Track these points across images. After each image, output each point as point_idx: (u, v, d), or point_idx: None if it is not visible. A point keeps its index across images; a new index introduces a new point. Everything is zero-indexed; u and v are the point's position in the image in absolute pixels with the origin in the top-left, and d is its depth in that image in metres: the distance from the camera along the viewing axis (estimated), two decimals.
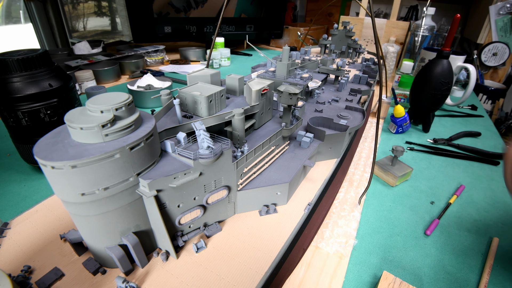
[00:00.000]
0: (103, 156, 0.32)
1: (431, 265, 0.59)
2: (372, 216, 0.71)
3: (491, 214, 0.74)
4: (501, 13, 1.66)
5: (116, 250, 0.39)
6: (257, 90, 0.56)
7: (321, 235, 0.63)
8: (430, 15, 1.76)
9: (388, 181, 0.83)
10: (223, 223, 0.50)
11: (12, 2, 2.18)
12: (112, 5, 2.31)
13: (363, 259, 0.59)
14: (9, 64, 0.63)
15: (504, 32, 1.68)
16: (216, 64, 1.93)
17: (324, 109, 0.81)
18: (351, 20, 2.02)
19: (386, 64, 1.80)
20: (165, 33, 2.06)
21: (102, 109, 0.34)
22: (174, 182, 0.39)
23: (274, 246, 0.45)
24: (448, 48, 1.04)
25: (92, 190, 0.33)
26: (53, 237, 0.46)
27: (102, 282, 0.40)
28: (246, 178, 0.51)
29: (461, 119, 1.33)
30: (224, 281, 0.40)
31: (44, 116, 0.69)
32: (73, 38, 2.18)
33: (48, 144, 0.33)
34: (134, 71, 1.72)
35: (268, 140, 0.55)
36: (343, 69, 0.98)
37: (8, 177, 0.79)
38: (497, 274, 0.57)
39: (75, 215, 0.37)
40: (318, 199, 0.56)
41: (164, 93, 0.58)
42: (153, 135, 0.38)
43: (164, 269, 0.41)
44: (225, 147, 0.44)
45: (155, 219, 0.40)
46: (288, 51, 0.77)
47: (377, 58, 0.56)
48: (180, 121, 0.52)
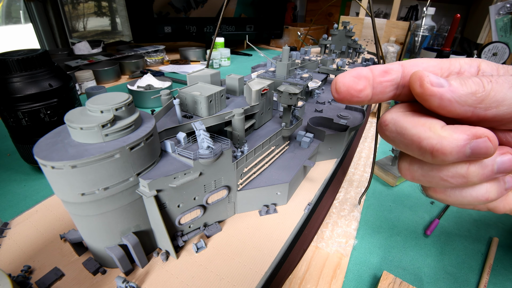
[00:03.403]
0: (103, 156, 0.32)
1: (431, 265, 0.58)
2: (372, 216, 0.71)
3: (491, 214, 0.74)
4: (501, 13, 1.66)
5: (116, 250, 0.38)
6: (257, 90, 0.56)
7: (321, 235, 0.63)
8: (430, 15, 1.76)
9: (388, 181, 0.83)
10: (223, 223, 0.50)
11: (12, 2, 2.18)
12: (112, 5, 2.31)
13: (363, 259, 0.59)
14: (9, 64, 0.63)
15: (504, 32, 1.68)
16: (216, 64, 1.93)
17: (324, 109, 0.81)
18: (351, 20, 2.02)
19: None
20: (165, 33, 2.06)
21: (102, 109, 0.34)
22: (174, 182, 0.39)
23: (274, 246, 0.45)
24: (448, 48, 1.04)
25: (92, 190, 0.33)
26: (53, 237, 0.46)
27: (102, 282, 0.40)
28: (246, 178, 0.51)
29: None
30: (224, 281, 0.40)
31: (44, 116, 0.69)
32: (73, 38, 2.18)
33: (48, 144, 0.33)
34: (134, 71, 1.73)
35: (268, 140, 0.55)
36: (343, 69, 0.98)
37: (8, 177, 0.79)
38: (497, 274, 0.57)
39: (75, 215, 0.37)
40: (318, 199, 0.56)
41: (164, 93, 0.58)
42: (153, 135, 0.38)
43: (164, 269, 0.41)
44: (225, 147, 0.44)
45: (155, 219, 0.40)
46: (288, 51, 0.77)
47: (377, 58, 0.56)
48: (180, 121, 0.52)
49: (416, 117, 0.21)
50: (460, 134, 0.18)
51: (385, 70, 0.22)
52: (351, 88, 0.21)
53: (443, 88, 0.19)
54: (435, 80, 0.19)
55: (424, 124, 0.20)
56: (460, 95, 0.19)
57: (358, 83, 0.21)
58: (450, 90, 0.19)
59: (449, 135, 0.18)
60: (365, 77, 0.21)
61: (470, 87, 0.19)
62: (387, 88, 0.22)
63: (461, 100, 0.19)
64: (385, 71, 0.22)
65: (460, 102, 0.19)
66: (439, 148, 0.18)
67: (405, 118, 0.21)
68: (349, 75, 0.22)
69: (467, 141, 0.18)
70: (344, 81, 0.22)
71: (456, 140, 0.18)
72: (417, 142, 0.20)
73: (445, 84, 0.19)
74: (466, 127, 0.19)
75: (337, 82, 0.22)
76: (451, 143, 0.18)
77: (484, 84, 0.19)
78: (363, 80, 0.21)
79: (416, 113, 0.21)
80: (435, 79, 0.19)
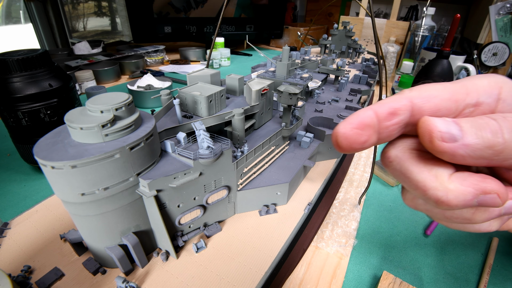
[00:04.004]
0: (103, 156, 0.32)
1: (431, 265, 0.58)
2: (372, 216, 0.71)
3: None
4: (501, 13, 1.66)
5: (116, 250, 0.39)
6: (257, 90, 0.56)
7: (321, 235, 0.63)
8: (430, 15, 1.76)
9: (388, 181, 0.83)
10: (223, 223, 0.50)
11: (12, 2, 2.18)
12: (112, 5, 2.31)
13: (363, 259, 0.59)
14: (9, 64, 0.63)
15: (504, 32, 1.68)
16: (216, 64, 1.93)
17: (324, 109, 0.81)
18: (351, 20, 2.02)
19: (386, 64, 1.80)
20: (165, 33, 2.06)
21: (102, 109, 0.34)
22: (174, 182, 0.39)
23: (274, 246, 0.45)
24: (448, 48, 1.04)
25: (92, 190, 0.33)
26: (53, 237, 0.46)
27: (102, 282, 0.40)
28: (246, 178, 0.51)
29: None
30: (224, 281, 0.40)
31: (44, 116, 0.69)
32: (73, 38, 2.18)
33: (48, 144, 0.33)
34: (134, 71, 1.72)
35: (268, 140, 0.55)
36: (343, 69, 0.98)
37: (8, 177, 0.79)
38: (497, 274, 0.57)
39: (75, 215, 0.37)
40: (318, 199, 0.56)
41: (164, 93, 0.58)
42: (153, 135, 0.38)
43: (164, 269, 0.41)
44: (225, 147, 0.44)
45: (155, 219, 0.40)
46: (288, 51, 0.77)
47: (377, 58, 0.56)
48: (180, 121, 0.52)
49: (422, 159, 0.19)
50: (468, 187, 0.17)
51: (392, 112, 0.19)
52: (354, 142, 0.19)
53: (456, 144, 0.17)
54: (447, 134, 0.17)
55: (430, 170, 0.18)
56: (475, 150, 0.17)
57: (361, 135, 0.19)
58: (464, 145, 0.17)
59: (456, 189, 0.17)
60: (368, 126, 0.19)
61: (487, 139, 0.17)
62: (394, 131, 0.19)
63: (476, 155, 0.17)
64: (391, 113, 0.19)
65: (474, 156, 0.17)
66: (444, 200, 0.17)
67: (411, 159, 0.19)
68: (350, 126, 0.19)
69: (475, 196, 0.17)
70: (345, 135, 0.19)
71: (463, 194, 0.17)
72: (422, 190, 0.18)
73: (459, 136, 0.17)
74: (475, 179, 0.17)
75: (338, 136, 0.19)
76: (457, 198, 0.17)
77: (504, 133, 0.17)
78: (366, 130, 0.19)
79: (422, 153, 0.19)
80: (446, 133, 0.17)
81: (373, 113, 0.19)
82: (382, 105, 0.19)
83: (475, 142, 0.17)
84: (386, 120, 0.19)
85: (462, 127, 0.17)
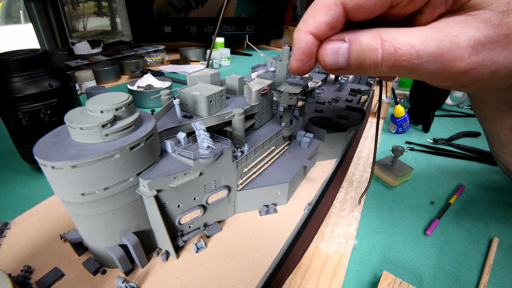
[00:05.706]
0: (103, 156, 0.32)
1: (431, 265, 0.59)
2: (372, 216, 0.71)
3: (491, 214, 0.74)
4: None
5: (116, 250, 0.39)
6: (257, 90, 0.56)
7: (321, 235, 0.63)
8: None
9: (388, 181, 0.83)
10: (223, 223, 0.50)
11: (12, 2, 2.18)
12: (112, 5, 2.31)
13: (363, 259, 0.59)
14: (9, 64, 0.63)
15: None
16: (216, 64, 1.93)
17: (324, 109, 0.81)
18: None
19: None
20: (165, 33, 2.06)
21: (102, 109, 0.34)
22: (174, 182, 0.39)
23: (274, 246, 0.45)
24: None
25: (92, 190, 0.33)
26: (53, 237, 0.46)
27: (102, 282, 0.40)
28: (246, 178, 0.51)
29: (461, 119, 1.33)
30: (224, 281, 0.40)
31: (44, 116, 0.69)
32: (73, 38, 2.18)
33: (48, 144, 0.33)
34: (134, 71, 1.73)
35: (268, 140, 0.55)
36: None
37: (8, 177, 0.79)
38: (497, 274, 0.57)
39: (75, 215, 0.37)
40: (318, 199, 0.56)
41: (164, 93, 0.58)
42: (153, 135, 0.38)
43: (164, 269, 0.41)
44: (225, 147, 0.44)
45: (155, 219, 0.40)
46: (288, 51, 0.77)
47: None
48: (180, 121, 0.52)
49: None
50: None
51: (331, 27, 0.25)
52: (302, 72, 0.27)
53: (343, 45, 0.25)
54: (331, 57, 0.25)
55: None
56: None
57: (307, 62, 0.26)
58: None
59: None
60: (308, 55, 0.26)
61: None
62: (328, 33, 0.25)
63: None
64: (331, 29, 0.25)
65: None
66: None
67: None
68: (294, 59, 0.26)
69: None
70: (293, 69, 0.27)
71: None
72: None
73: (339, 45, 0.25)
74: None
75: (292, 71, 0.27)
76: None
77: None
78: (310, 58, 0.26)
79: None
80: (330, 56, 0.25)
81: (312, 40, 0.25)
82: (311, 20, 0.25)
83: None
84: (327, 35, 0.25)
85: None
